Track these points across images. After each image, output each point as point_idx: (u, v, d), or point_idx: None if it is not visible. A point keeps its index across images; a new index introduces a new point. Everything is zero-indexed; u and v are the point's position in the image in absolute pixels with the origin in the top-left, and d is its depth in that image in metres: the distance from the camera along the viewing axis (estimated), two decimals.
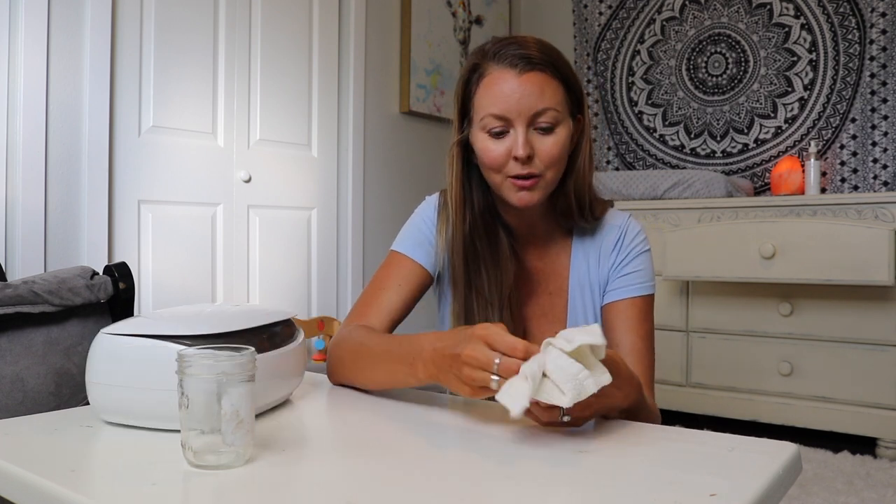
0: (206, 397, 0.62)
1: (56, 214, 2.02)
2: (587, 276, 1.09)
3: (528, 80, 0.96)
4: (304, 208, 2.74)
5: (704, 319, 2.62)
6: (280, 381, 0.84)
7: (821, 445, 2.36)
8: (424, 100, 3.15)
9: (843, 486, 2.00)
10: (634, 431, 0.76)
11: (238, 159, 2.51)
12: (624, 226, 1.10)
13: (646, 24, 3.39)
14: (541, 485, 0.60)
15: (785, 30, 3.03)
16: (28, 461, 0.64)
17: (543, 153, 0.98)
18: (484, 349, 0.72)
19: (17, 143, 1.94)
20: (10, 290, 1.23)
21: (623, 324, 1.05)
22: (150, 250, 2.26)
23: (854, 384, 2.34)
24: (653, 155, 3.38)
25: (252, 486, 0.59)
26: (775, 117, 3.06)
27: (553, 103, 0.97)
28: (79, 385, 1.28)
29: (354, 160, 2.86)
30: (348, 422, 0.85)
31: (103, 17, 2.10)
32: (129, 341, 0.75)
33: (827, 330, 2.39)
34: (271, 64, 2.60)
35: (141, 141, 2.24)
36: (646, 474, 0.63)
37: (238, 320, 0.81)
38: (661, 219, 2.72)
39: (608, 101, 3.51)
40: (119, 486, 0.60)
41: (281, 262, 2.65)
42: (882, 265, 2.16)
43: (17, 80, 1.94)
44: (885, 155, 2.82)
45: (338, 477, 0.62)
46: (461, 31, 3.37)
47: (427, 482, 0.61)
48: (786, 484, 0.64)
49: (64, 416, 0.84)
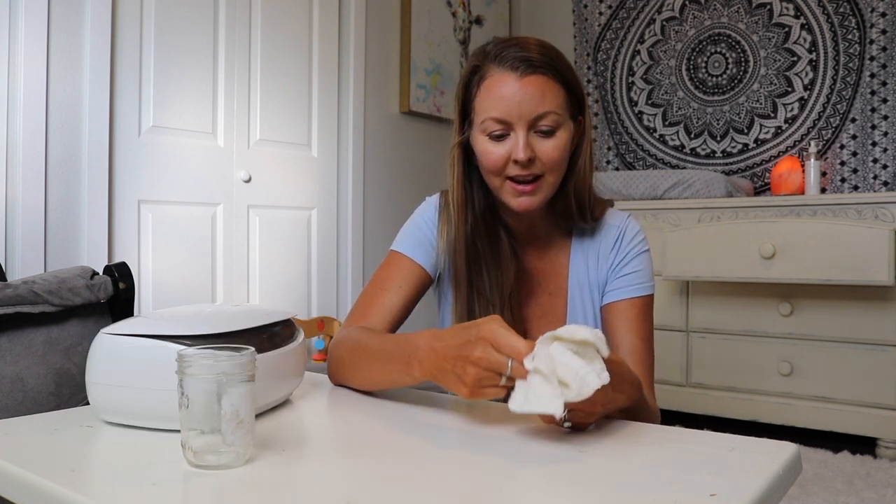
0: (206, 397, 0.62)
1: (56, 214, 2.02)
2: (586, 277, 1.09)
3: (529, 84, 0.96)
4: (304, 208, 2.74)
5: (704, 319, 2.62)
6: (280, 381, 0.84)
7: (821, 445, 2.36)
8: (424, 100, 3.14)
9: (843, 486, 2.00)
10: (634, 431, 0.76)
11: (238, 159, 2.51)
12: (623, 226, 1.10)
13: (646, 24, 3.39)
14: (541, 484, 0.60)
15: (785, 30, 3.03)
16: (28, 461, 0.64)
17: (544, 156, 0.98)
18: (493, 352, 0.71)
19: (17, 143, 1.94)
20: (10, 290, 1.23)
21: (623, 324, 1.05)
22: (150, 250, 2.26)
23: (854, 384, 2.34)
24: (653, 155, 3.38)
25: (252, 486, 0.59)
26: (775, 117, 3.06)
27: (554, 106, 0.97)
28: (79, 385, 1.28)
29: (354, 160, 2.86)
30: (348, 422, 0.84)
31: (103, 17, 2.10)
32: (129, 341, 0.75)
33: (827, 330, 2.39)
34: (271, 64, 2.60)
35: (141, 141, 2.24)
36: (646, 474, 0.63)
37: (238, 320, 0.81)
38: (661, 219, 2.72)
39: (608, 101, 3.51)
40: (119, 486, 0.60)
41: (281, 262, 2.65)
42: (882, 265, 2.16)
43: (17, 80, 1.94)
44: (885, 155, 2.82)
45: (338, 477, 0.62)
46: (461, 31, 3.37)
47: (427, 482, 0.61)
48: (786, 484, 0.64)
49: (64, 416, 0.84)
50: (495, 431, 0.76)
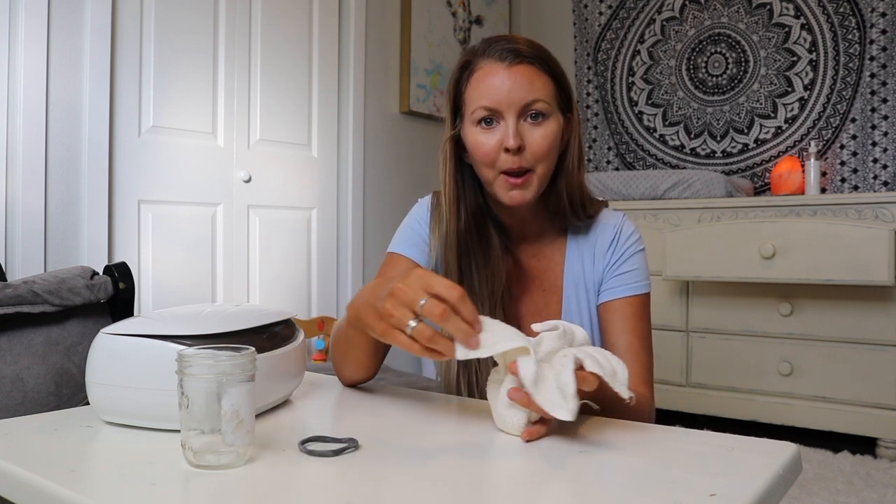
0: (206, 397, 0.62)
1: (56, 214, 2.02)
2: (582, 274, 1.09)
3: (517, 72, 0.97)
4: (304, 208, 2.74)
5: (704, 319, 2.62)
6: (280, 381, 0.84)
7: (821, 445, 2.36)
8: (424, 100, 3.15)
9: (843, 486, 2.00)
10: (635, 431, 0.76)
11: (238, 159, 2.51)
12: (619, 225, 1.10)
13: (646, 24, 3.39)
14: (541, 485, 0.60)
15: (785, 30, 3.03)
16: (28, 461, 0.64)
17: (534, 145, 0.98)
18: (416, 287, 0.69)
19: (17, 143, 1.94)
20: (10, 290, 1.23)
21: (619, 323, 1.05)
22: (150, 250, 2.26)
23: (854, 384, 2.34)
24: (653, 155, 3.38)
25: (252, 486, 0.59)
26: (775, 117, 3.06)
27: (542, 95, 0.98)
28: (79, 385, 1.28)
29: (354, 160, 2.86)
30: (348, 422, 0.85)
31: (103, 17, 2.10)
32: (129, 341, 0.75)
33: (827, 330, 2.39)
34: (271, 64, 2.60)
35: (141, 141, 2.24)
36: (646, 474, 0.63)
37: (238, 320, 0.81)
38: (661, 219, 2.72)
39: (608, 101, 3.51)
40: (119, 486, 0.60)
41: (281, 262, 2.65)
42: (882, 265, 2.16)
43: (17, 80, 1.94)
44: (885, 155, 2.82)
45: (338, 477, 0.62)
46: (461, 31, 3.37)
47: (427, 482, 0.61)
48: (786, 484, 0.64)
49: (64, 416, 0.84)
50: (495, 431, 0.76)
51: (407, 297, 0.69)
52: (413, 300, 0.68)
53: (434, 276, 0.71)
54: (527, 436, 0.71)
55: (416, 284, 0.69)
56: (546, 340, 0.76)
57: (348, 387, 1.01)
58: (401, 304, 0.69)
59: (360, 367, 0.97)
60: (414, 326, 0.68)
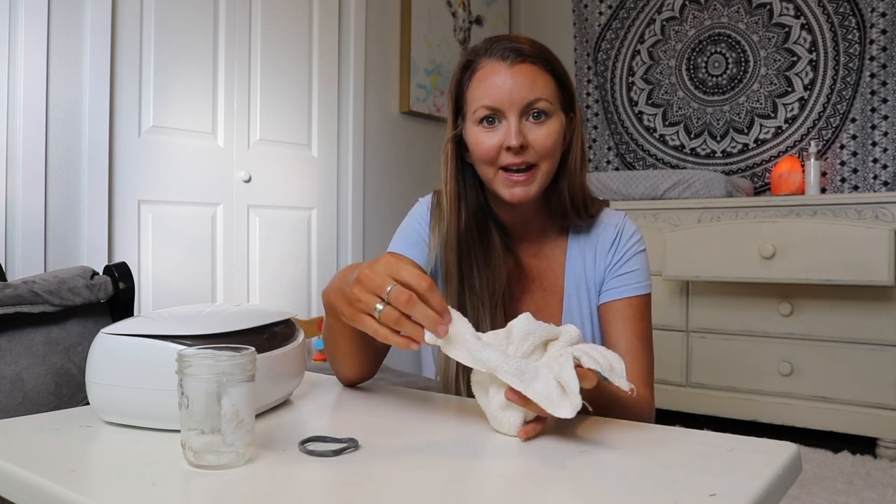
0: (206, 397, 0.62)
1: (56, 214, 2.02)
2: (583, 274, 1.09)
3: (519, 72, 0.97)
4: (304, 208, 2.74)
5: (704, 319, 2.62)
6: (280, 381, 0.84)
7: (821, 445, 2.36)
8: (424, 100, 3.15)
9: (843, 486, 2.00)
10: (635, 431, 0.76)
11: (238, 159, 2.51)
12: (620, 225, 1.10)
13: (646, 24, 3.39)
14: (541, 485, 0.60)
15: (785, 30, 3.03)
16: (28, 461, 0.64)
17: (537, 143, 0.98)
18: (383, 273, 0.69)
19: (17, 143, 1.94)
20: (10, 290, 1.23)
21: (620, 323, 1.05)
22: (150, 250, 2.26)
23: (854, 384, 2.34)
24: (653, 155, 3.38)
25: (252, 486, 0.59)
26: (775, 117, 3.06)
27: (544, 94, 0.98)
28: (79, 385, 1.28)
29: (354, 160, 2.86)
30: (348, 422, 0.84)
31: (103, 17, 2.10)
32: (129, 341, 0.75)
33: (827, 330, 2.39)
34: (271, 64, 2.60)
35: (141, 141, 2.24)
36: (646, 474, 0.63)
37: (238, 320, 0.81)
38: (661, 219, 2.72)
39: (608, 101, 3.51)
40: (119, 486, 0.60)
41: (281, 262, 2.65)
42: (882, 265, 2.16)
43: (17, 80, 1.94)
44: (885, 155, 2.82)
45: (338, 477, 0.62)
46: (461, 31, 3.37)
47: (427, 482, 0.61)
48: (786, 484, 0.64)
49: (64, 416, 0.84)
50: (494, 431, 0.76)
51: (374, 284, 0.69)
52: (380, 286, 0.69)
53: (403, 263, 0.71)
54: (524, 435, 0.71)
55: (383, 271, 0.70)
56: (517, 326, 0.76)
57: (348, 386, 1.01)
58: (367, 290, 0.70)
59: (351, 358, 0.96)
60: (381, 310, 0.69)
